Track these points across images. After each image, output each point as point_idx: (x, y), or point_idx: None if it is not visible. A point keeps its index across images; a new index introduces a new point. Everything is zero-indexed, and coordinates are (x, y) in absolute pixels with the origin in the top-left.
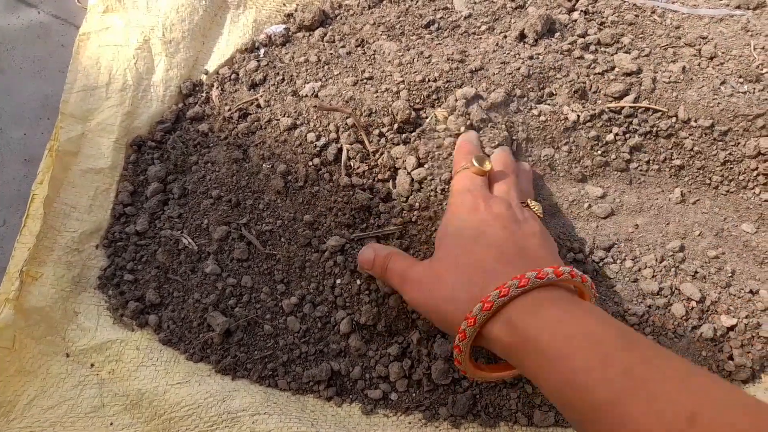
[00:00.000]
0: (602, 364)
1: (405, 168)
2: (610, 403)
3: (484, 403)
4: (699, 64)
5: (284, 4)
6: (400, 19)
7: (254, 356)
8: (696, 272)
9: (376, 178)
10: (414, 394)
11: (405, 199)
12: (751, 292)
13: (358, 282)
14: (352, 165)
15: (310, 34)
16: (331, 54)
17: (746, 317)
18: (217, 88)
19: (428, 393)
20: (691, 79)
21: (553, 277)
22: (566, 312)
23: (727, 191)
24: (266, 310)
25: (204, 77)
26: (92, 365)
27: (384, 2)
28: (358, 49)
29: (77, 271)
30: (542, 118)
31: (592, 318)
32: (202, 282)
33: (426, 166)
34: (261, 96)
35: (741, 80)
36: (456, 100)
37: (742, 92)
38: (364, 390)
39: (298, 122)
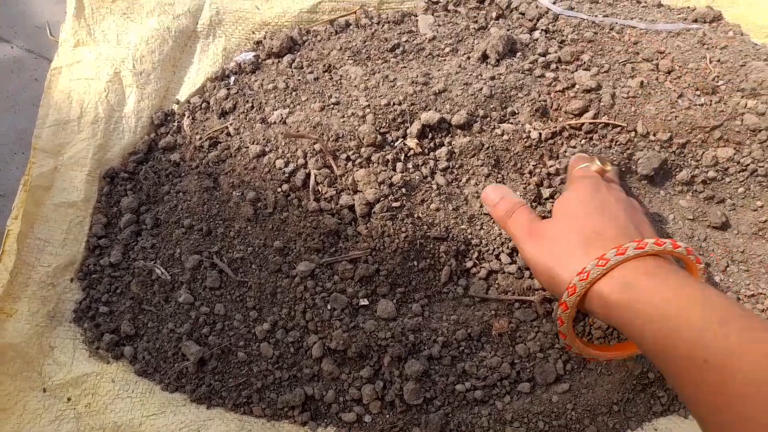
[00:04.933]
0: (720, 323)
1: (362, 192)
2: (723, 356)
3: (457, 421)
4: (657, 79)
5: (253, 32)
6: (366, 43)
7: (229, 384)
8: None
9: (342, 203)
10: (387, 416)
11: (365, 224)
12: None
13: (329, 307)
14: (320, 190)
15: (278, 61)
16: (299, 80)
17: None
18: (189, 117)
19: (401, 414)
20: (649, 93)
21: (670, 247)
22: (685, 278)
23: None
24: (239, 337)
25: (175, 107)
26: (69, 399)
27: (351, 27)
28: (326, 74)
29: (52, 306)
30: (505, 137)
31: (709, 288)
32: (175, 311)
33: (383, 191)
34: (231, 124)
35: (698, 93)
36: (420, 126)
37: (699, 105)
38: (339, 413)
39: (267, 149)
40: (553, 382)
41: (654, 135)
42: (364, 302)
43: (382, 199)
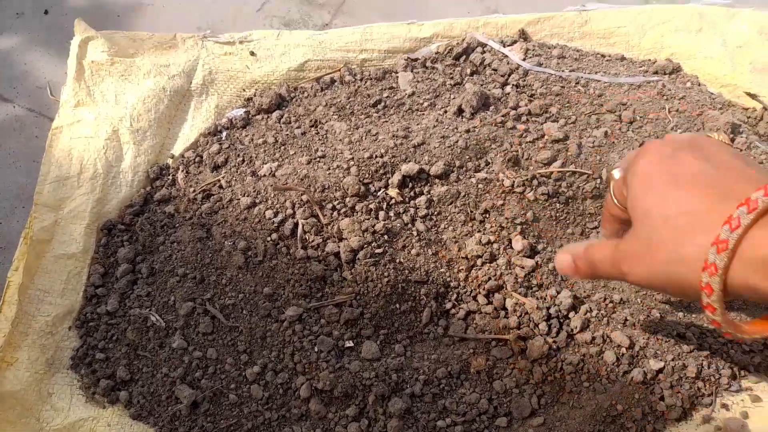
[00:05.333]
0: None
1: (347, 240)
2: None
3: None
4: (620, 129)
5: (244, 90)
6: (350, 99)
7: (220, 425)
8: (626, 320)
9: (328, 250)
10: None
11: (349, 270)
12: (678, 335)
13: (316, 349)
14: (307, 238)
15: (268, 117)
16: (287, 135)
17: (673, 360)
18: (183, 170)
19: None
20: (613, 142)
21: None
22: None
23: None
24: (231, 380)
25: (170, 161)
26: None
27: (335, 84)
28: (312, 129)
29: (51, 353)
30: (480, 186)
31: None
32: (169, 356)
33: (366, 238)
34: (223, 177)
35: None
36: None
37: None
38: None
39: (257, 201)
40: (528, 416)
41: None
42: (350, 344)
43: (365, 246)
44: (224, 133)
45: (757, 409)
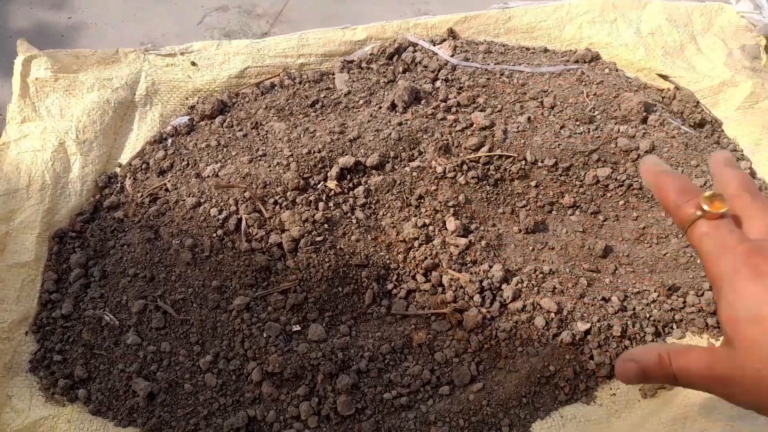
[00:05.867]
0: None
1: (288, 231)
2: None
3: (387, 426)
4: (542, 114)
5: (187, 98)
6: (289, 101)
7: (177, 414)
8: (554, 288)
9: (271, 242)
10: (324, 429)
11: (292, 259)
12: (603, 299)
13: (265, 335)
14: (251, 232)
15: (211, 122)
16: (230, 137)
17: (598, 321)
18: (130, 177)
19: (337, 425)
20: (536, 127)
21: None
22: None
23: (578, 215)
24: (185, 370)
25: (118, 169)
26: None
27: (275, 88)
28: (253, 130)
29: (8, 358)
30: (414, 174)
31: None
32: (125, 353)
33: (306, 228)
34: (168, 181)
35: (577, 123)
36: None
37: (578, 133)
38: (280, 431)
39: (202, 200)
40: (468, 383)
41: (542, 162)
42: (297, 328)
43: (306, 234)
44: (169, 140)
45: None
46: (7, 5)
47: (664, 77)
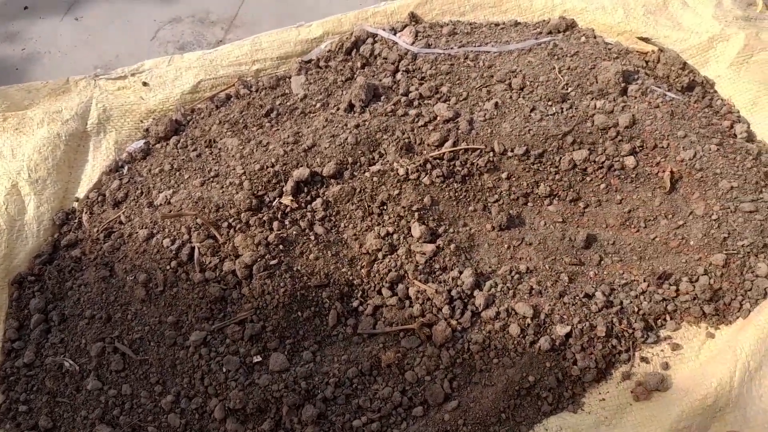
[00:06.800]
0: None
1: (241, 256)
2: None
3: None
4: (510, 97)
5: (141, 121)
6: (243, 113)
7: None
8: (532, 288)
9: (225, 269)
10: None
11: (247, 286)
12: (586, 295)
13: (224, 369)
14: (205, 261)
15: (166, 144)
16: (183, 159)
17: (580, 322)
18: (87, 212)
19: None
20: (504, 113)
21: None
22: None
23: (554, 204)
24: (147, 412)
25: (76, 204)
26: None
27: (231, 99)
28: (207, 149)
29: None
30: (375, 179)
31: None
32: (87, 399)
33: (259, 251)
34: (123, 212)
35: (549, 103)
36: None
37: (550, 114)
38: None
39: (154, 231)
40: (442, 402)
41: (511, 151)
42: (258, 359)
43: (258, 259)
44: (125, 168)
45: (677, 357)
46: None
47: (646, 40)
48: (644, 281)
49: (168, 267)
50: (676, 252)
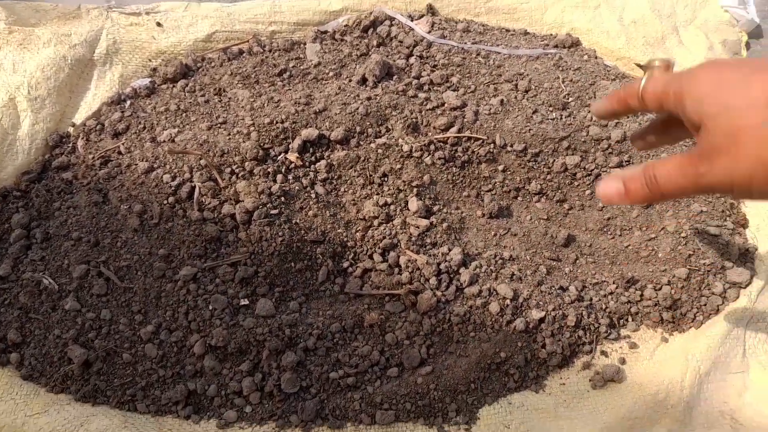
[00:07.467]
0: None
1: (242, 202)
2: None
3: (331, 406)
4: (515, 97)
5: (150, 60)
6: (256, 68)
7: (114, 384)
8: (513, 275)
9: (224, 212)
10: (267, 405)
11: (245, 231)
12: (561, 288)
13: (210, 307)
14: (204, 201)
15: (173, 86)
16: (191, 102)
17: (554, 310)
18: (83, 138)
19: (279, 402)
20: (508, 110)
21: None
22: None
23: (543, 202)
24: (124, 339)
25: (71, 129)
26: None
27: (243, 55)
28: (216, 97)
29: None
30: (380, 151)
31: None
32: (62, 319)
33: (262, 200)
34: (123, 144)
35: (550, 108)
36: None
37: (550, 119)
38: (220, 406)
39: (155, 165)
40: (418, 366)
41: (511, 146)
42: (245, 302)
43: (260, 207)
44: (128, 102)
45: (633, 355)
46: None
47: (642, 67)
48: (613, 283)
49: (165, 201)
50: (645, 261)
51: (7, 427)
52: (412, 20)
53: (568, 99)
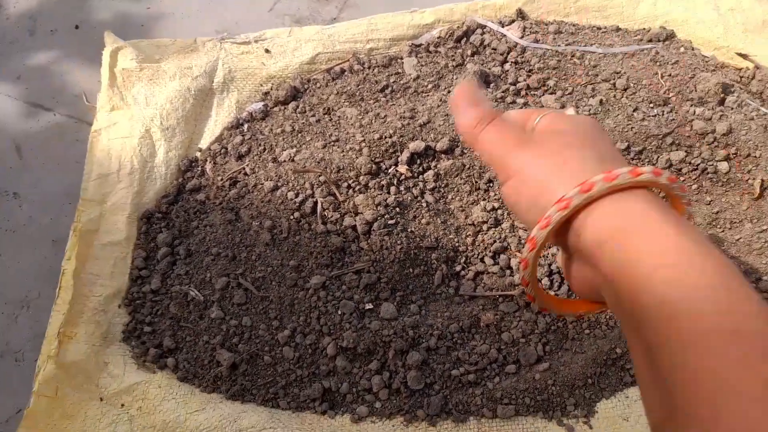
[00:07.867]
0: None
1: (362, 214)
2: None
3: (455, 401)
4: (614, 96)
5: (261, 85)
6: (359, 86)
7: (258, 383)
8: None
9: (345, 224)
10: (395, 401)
11: (366, 241)
12: None
13: (339, 312)
14: (327, 215)
15: (285, 108)
16: (303, 123)
17: None
18: (210, 162)
19: (406, 398)
20: (608, 109)
21: (665, 180)
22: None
23: None
24: (264, 343)
25: (198, 154)
26: (122, 405)
27: (345, 73)
28: (326, 116)
29: (105, 328)
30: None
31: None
32: (209, 326)
33: (379, 211)
34: (247, 165)
35: (651, 105)
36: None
37: (652, 116)
38: (353, 402)
39: (279, 184)
40: (534, 363)
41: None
42: (369, 306)
43: (379, 218)
44: (245, 126)
45: None
46: None
47: (744, 56)
48: None
49: (292, 216)
50: (758, 253)
51: (172, 423)
52: (503, 26)
53: (668, 94)
